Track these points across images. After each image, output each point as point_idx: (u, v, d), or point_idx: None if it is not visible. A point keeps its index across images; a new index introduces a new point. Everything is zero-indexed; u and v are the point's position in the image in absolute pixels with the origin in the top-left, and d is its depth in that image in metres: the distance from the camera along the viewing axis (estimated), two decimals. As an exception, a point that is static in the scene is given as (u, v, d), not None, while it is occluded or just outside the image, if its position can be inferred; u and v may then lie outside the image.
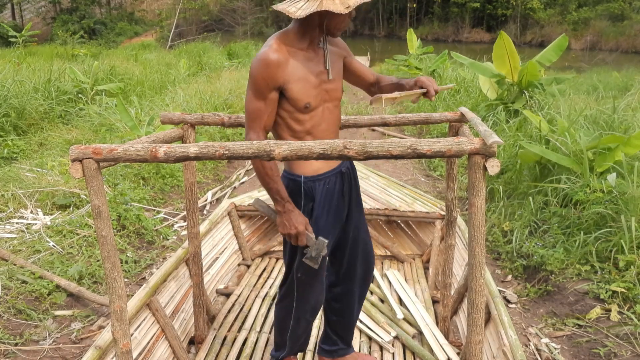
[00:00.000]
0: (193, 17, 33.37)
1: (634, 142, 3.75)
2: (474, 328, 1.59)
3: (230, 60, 13.69)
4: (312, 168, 1.94)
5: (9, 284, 3.02)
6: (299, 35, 1.82)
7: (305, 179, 1.94)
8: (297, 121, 1.87)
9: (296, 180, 1.95)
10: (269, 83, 1.76)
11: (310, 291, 2.07)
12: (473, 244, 1.52)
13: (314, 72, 1.84)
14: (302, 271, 2.00)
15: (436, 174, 5.96)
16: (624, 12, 27.28)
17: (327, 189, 1.97)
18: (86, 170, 1.47)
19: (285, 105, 1.83)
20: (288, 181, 1.98)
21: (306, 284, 2.05)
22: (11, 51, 12.36)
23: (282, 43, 1.80)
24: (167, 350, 2.46)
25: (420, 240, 3.78)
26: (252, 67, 1.78)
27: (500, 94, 6.71)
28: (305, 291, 2.07)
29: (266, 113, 1.80)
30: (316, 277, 2.04)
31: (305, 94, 1.82)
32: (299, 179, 1.95)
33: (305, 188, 1.95)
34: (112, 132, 5.93)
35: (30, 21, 26.73)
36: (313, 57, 1.86)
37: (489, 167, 1.42)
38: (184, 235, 4.18)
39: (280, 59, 1.76)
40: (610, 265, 3.22)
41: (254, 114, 1.80)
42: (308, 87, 1.82)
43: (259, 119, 1.80)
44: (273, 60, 1.75)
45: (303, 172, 1.94)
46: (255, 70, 1.77)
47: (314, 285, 2.06)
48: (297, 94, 1.80)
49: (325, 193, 1.97)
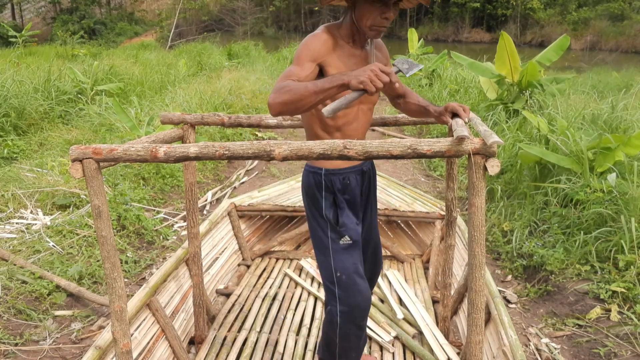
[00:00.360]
0: (193, 17, 33.37)
1: (634, 142, 3.75)
2: (474, 328, 1.59)
3: (230, 61, 13.69)
4: (332, 163, 1.92)
5: (9, 284, 3.02)
6: (344, 30, 1.82)
7: (326, 172, 1.92)
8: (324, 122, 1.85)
9: (317, 172, 1.93)
10: (311, 52, 1.72)
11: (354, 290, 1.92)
12: (473, 244, 1.52)
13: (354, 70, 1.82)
14: (340, 267, 1.91)
15: (436, 174, 5.96)
16: (623, 12, 27.27)
17: (347, 183, 1.95)
18: (86, 170, 1.48)
19: None
20: (309, 174, 1.96)
21: (348, 284, 1.92)
22: (11, 51, 12.36)
23: (331, 33, 1.80)
24: (167, 350, 2.46)
25: (420, 240, 3.78)
26: (301, 44, 1.77)
27: (500, 94, 6.71)
28: (348, 294, 1.92)
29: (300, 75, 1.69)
30: (357, 272, 1.93)
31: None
32: (320, 171, 1.93)
33: (325, 180, 1.92)
34: (112, 132, 5.93)
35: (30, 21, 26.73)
36: (357, 55, 1.84)
37: (489, 167, 1.42)
38: (184, 235, 4.18)
39: (327, 39, 1.76)
40: (610, 265, 3.22)
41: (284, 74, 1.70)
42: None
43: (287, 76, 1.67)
44: (321, 37, 1.76)
45: (323, 164, 1.93)
46: (301, 43, 1.76)
47: (357, 283, 1.92)
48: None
49: (344, 188, 1.94)
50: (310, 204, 1.99)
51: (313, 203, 1.98)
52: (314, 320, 2.88)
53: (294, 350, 2.59)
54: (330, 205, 1.93)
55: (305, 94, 1.56)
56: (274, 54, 15.84)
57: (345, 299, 1.92)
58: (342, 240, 1.92)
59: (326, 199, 1.93)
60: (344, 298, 1.92)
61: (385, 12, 1.72)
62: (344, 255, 1.91)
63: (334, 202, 1.94)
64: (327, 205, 1.94)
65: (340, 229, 1.91)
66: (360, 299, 1.93)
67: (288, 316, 2.92)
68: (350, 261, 1.92)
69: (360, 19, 1.75)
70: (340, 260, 1.90)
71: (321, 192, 1.93)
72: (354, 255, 1.93)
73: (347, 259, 1.91)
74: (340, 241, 1.92)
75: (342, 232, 1.92)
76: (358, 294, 1.92)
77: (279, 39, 25.36)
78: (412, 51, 12.23)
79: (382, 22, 1.75)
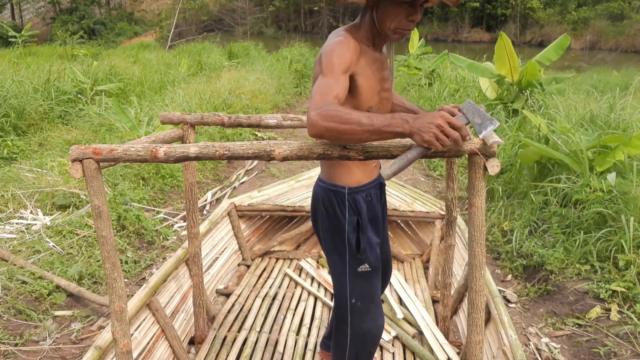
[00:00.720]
0: (193, 17, 33.35)
1: (634, 142, 3.75)
2: (474, 328, 1.59)
3: (230, 61, 13.68)
4: (355, 179, 1.79)
5: (9, 285, 3.02)
6: (364, 32, 1.68)
7: (350, 190, 1.78)
8: None
9: (339, 191, 1.79)
10: (343, 62, 1.55)
11: (367, 318, 1.84)
12: (473, 244, 1.52)
13: (377, 77, 1.71)
14: (357, 294, 1.81)
15: (436, 174, 5.96)
16: (623, 12, 27.27)
17: (369, 200, 1.83)
18: (86, 170, 1.47)
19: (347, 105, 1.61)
20: (329, 192, 1.81)
21: (362, 312, 1.83)
22: (11, 51, 12.35)
23: (353, 37, 1.64)
24: (167, 350, 2.46)
25: (420, 240, 3.78)
26: (327, 50, 1.58)
27: (499, 94, 6.71)
28: (361, 320, 1.84)
29: (338, 90, 1.49)
30: (372, 300, 1.84)
31: (369, 96, 1.68)
32: (343, 190, 1.78)
33: (349, 200, 1.78)
34: (112, 132, 5.93)
35: (30, 21, 26.73)
36: (377, 60, 1.71)
37: (489, 167, 1.42)
38: (184, 235, 4.18)
39: (356, 46, 1.60)
40: (610, 264, 3.22)
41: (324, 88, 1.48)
42: (372, 89, 1.68)
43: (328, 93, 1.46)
44: (350, 42, 1.59)
45: (346, 182, 1.78)
46: (329, 51, 1.57)
47: (371, 311, 1.84)
48: (364, 92, 1.65)
49: (368, 206, 1.82)
50: (330, 226, 1.83)
51: (333, 225, 1.82)
52: (313, 320, 2.88)
53: (294, 350, 2.59)
54: (354, 229, 1.80)
55: (357, 129, 1.34)
56: (274, 54, 15.82)
57: (358, 324, 1.85)
58: (361, 267, 1.80)
59: (349, 222, 1.79)
60: (356, 324, 1.85)
61: (412, 14, 1.58)
62: (361, 282, 1.82)
63: (357, 224, 1.80)
64: (351, 229, 1.79)
65: (361, 257, 1.80)
66: (373, 327, 1.86)
67: (288, 316, 2.92)
68: (367, 288, 1.83)
69: (384, 20, 1.61)
70: (357, 287, 1.81)
71: (344, 214, 1.79)
72: (372, 282, 1.84)
73: (364, 286, 1.82)
74: (359, 268, 1.80)
75: (362, 260, 1.80)
76: (371, 322, 1.85)
77: (279, 39, 25.37)
78: (412, 51, 12.22)
79: (409, 24, 1.61)
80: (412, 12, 1.58)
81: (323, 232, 1.88)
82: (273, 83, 10.63)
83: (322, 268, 3.48)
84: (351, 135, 1.35)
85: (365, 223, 1.81)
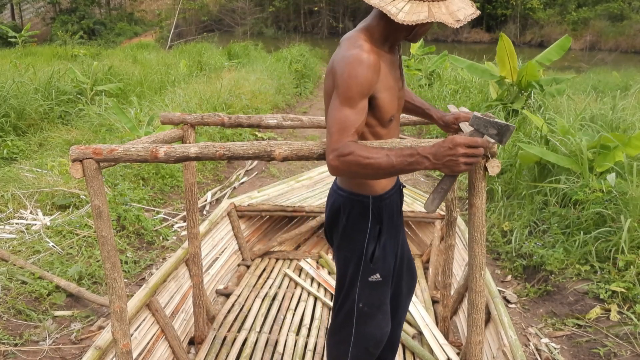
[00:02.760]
0: (192, 17, 33.35)
1: (634, 142, 3.75)
2: (474, 328, 1.59)
3: (230, 61, 13.68)
4: (380, 186, 1.72)
5: (9, 285, 3.02)
6: (384, 35, 1.57)
7: (374, 199, 1.72)
8: (376, 136, 1.62)
9: (364, 201, 1.72)
10: (363, 89, 1.46)
11: (372, 323, 1.80)
12: (473, 244, 1.52)
13: (395, 79, 1.63)
14: (364, 300, 1.77)
15: (436, 174, 5.96)
16: (623, 12, 27.28)
17: (390, 208, 1.78)
18: (86, 170, 1.48)
19: (369, 119, 1.55)
20: (352, 202, 1.74)
21: (368, 316, 1.79)
22: (11, 51, 12.36)
23: (370, 43, 1.52)
24: (167, 350, 2.46)
25: (420, 240, 3.79)
26: (344, 70, 1.47)
27: (500, 94, 6.72)
28: (366, 323, 1.80)
29: (357, 123, 1.45)
30: (380, 308, 1.80)
31: (391, 105, 1.60)
32: (367, 200, 1.72)
33: (373, 209, 1.73)
34: (112, 132, 5.93)
35: (30, 21, 26.74)
36: (394, 62, 1.64)
37: (490, 168, 1.42)
38: (184, 235, 4.18)
39: (376, 62, 1.48)
40: (609, 265, 3.22)
41: (342, 124, 1.43)
42: (392, 97, 1.60)
43: (346, 130, 1.43)
44: (371, 63, 1.46)
45: (371, 191, 1.72)
46: (350, 73, 1.45)
47: (377, 317, 1.81)
48: (386, 105, 1.57)
49: (389, 213, 1.77)
50: (350, 234, 1.77)
51: (353, 234, 1.76)
52: (313, 320, 2.88)
53: (293, 350, 2.60)
54: (374, 239, 1.75)
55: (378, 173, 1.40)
56: (274, 55, 15.83)
57: (362, 327, 1.82)
58: (372, 277, 1.76)
59: (371, 232, 1.74)
60: (361, 326, 1.81)
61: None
62: (369, 291, 1.78)
63: (378, 233, 1.75)
64: (371, 239, 1.74)
65: (373, 266, 1.76)
66: (378, 332, 1.83)
67: (288, 316, 2.92)
68: (376, 297, 1.80)
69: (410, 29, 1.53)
70: (365, 295, 1.78)
71: (367, 223, 1.73)
72: (382, 291, 1.81)
73: (373, 295, 1.79)
74: (370, 278, 1.76)
75: (374, 270, 1.76)
76: (376, 327, 1.82)
77: (279, 39, 25.35)
78: (413, 51, 12.23)
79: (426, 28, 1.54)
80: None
81: (340, 240, 1.82)
82: (273, 83, 10.63)
83: (321, 268, 3.48)
84: (371, 175, 1.44)
85: (386, 231, 1.77)
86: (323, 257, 3.61)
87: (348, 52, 1.50)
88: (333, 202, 1.81)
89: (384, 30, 1.56)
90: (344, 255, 1.81)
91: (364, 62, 1.46)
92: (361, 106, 1.47)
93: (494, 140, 1.40)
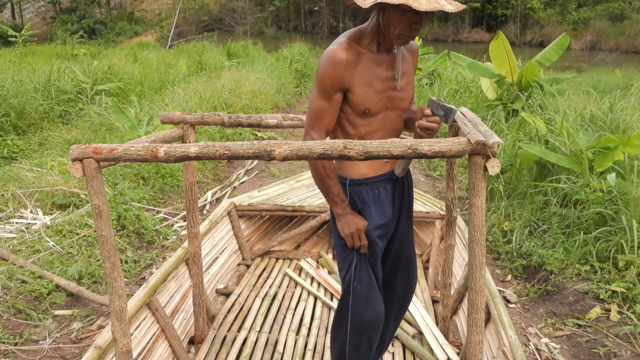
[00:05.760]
0: (193, 17, 33.32)
1: (634, 142, 3.75)
2: (474, 328, 1.59)
3: (230, 60, 13.67)
4: (358, 172, 1.85)
5: (9, 284, 3.02)
6: (370, 35, 1.73)
7: (351, 182, 1.86)
8: (352, 124, 1.79)
9: (341, 182, 1.86)
10: (334, 83, 1.69)
11: (367, 304, 1.89)
12: (473, 244, 1.52)
13: (380, 77, 1.75)
14: (357, 279, 1.87)
15: (436, 174, 5.96)
16: (623, 12, 27.25)
17: (377, 193, 1.86)
18: (86, 169, 1.48)
19: (344, 107, 1.76)
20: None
21: (361, 297, 1.88)
22: (11, 51, 12.36)
23: (354, 42, 1.72)
24: (167, 350, 2.46)
25: (420, 240, 3.78)
26: (320, 64, 1.71)
27: (500, 94, 6.71)
28: (362, 305, 1.89)
29: (329, 114, 1.73)
30: (370, 285, 1.89)
31: (367, 100, 1.74)
32: (344, 181, 1.86)
33: (350, 191, 1.86)
34: (112, 131, 5.93)
35: (30, 21, 26.70)
36: (382, 62, 1.76)
37: (490, 168, 1.42)
38: (184, 235, 4.18)
39: (349, 59, 1.68)
40: (610, 265, 3.22)
41: (317, 114, 1.73)
42: (371, 92, 1.74)
43: (321, 119, 1.73)
44: (342, 60, 1.67)
45: (349, 174, 1.86)
46: (322, 68, 1.70)
47: (370, 296, 1.89)
48: (358, 98, 1.73)
49: (375, 197, 1.86)
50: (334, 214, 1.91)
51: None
52: (313, 320, 2.88)
53: (293, 350, 2.60)
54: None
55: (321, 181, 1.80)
56: (274, 54, 15.82)
57: (356, 309, 1.89)
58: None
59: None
60: (355, 308, 1.89)
61: (416, 22, 1.63)
62: (362, 265, 1.87)
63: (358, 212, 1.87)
64: None
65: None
66: (372, 313, 1.89)
67: (288, 316, 2.92)
68: (367, 272, 1.87)
69: (388, 26, 1.65)
70: (359, 270, 1.87)
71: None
72: (372, 267, 1.89)
73: (364, 269, 1.87)
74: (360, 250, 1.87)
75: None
76: (369, 307, 1.89)
77: (279, 38, 25.35)
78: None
79: (412, 32, 1.65)
80: (416, 20, 1.62)
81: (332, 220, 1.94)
82: (273, 83, 10.63)
83: (321, 268, 3.48)
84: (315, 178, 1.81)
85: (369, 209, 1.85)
86: (323, 256, 3.61)
87: (328, 49, 1.73)
88: None
89: (371, 31, 1.73)
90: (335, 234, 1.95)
91: (337, 59, 1.68)
92: (335, 98, 1.72)
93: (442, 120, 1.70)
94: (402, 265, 2.04)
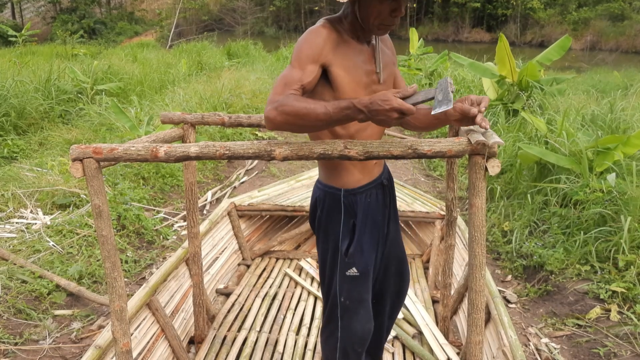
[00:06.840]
0: (193, 16, 33.34)
1: (633, 141, 3.75)
2: (474, 328, 1.59)
3: (230, 60, 13.68)
4: (352, 179, 1.75)
5: (9, 284, 3.02)
6: (347, 25, 1.63)
7: (346, 192, 1.75)
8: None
9: (335, 194, 1.75)
10: (311, 53, 1.53)
11: (356, 319, 1.83)
12: (473, 244, 1.52)
13: (363, 69, 1.64)
14: (345, 294, 1.79)
15: (436, 174, 5.96)
16: (624, 12, 27.25)
17: (368, 202, 1.77)
18: (87, 169, 1.48)
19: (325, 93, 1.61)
20: (326, 195, 1.77)
21: (351, 310, 1.81)
22: (11, 51, 12.36)
23: (334, 25, 1.60)
24: (167, 349, 2.46)
25: (420, 240, 3.78)
26: (299, 40, 1.58)
27: (500, 94, 6.71)
28: (350, 318, 1.82)
29: (302, 81, 1.51)
30: (361, 303, 1.82)
31: (354, 91, 1.60)
32: (339, 193, 1.75)
33: (345, 203, 1.75)
34: (112, 131, 5.93)
35: (30, 21, 26.71)
36: (363, 52, 1.65)
37: (490, 168, 1.42)
38: (184, 235, 4.18)
39: (329, 34, 1.56)
40: (610, 265, 3.22)
41: (286, 79, 1.51)
42: (357, 86, 1.62)
43: (289, 85, 1.49)
44: (321, 32, 1.55)
45: (343, 184, 1.75)
46: (299, 41, 1.57)
47: (359, 312, 1.82)
48: (341, 82, 1.58)
49: (367, 207, 1.77)
50: (325, 227, 1.81)
51: (328, 226, 1.80)
52: (313, 320, 2.88)
53: (293, 350, 2.60)
54: (348, 232, 1.77)
55: (315, 121, 1.43)
56: (274, 54, 15.83)
57: (346, 322, 1.84)
58: (349, 271, 1.78)
59: (345, 225, 1.77)
60: (345, 321, 1.84)
61: (396, 10, 1.54)
62: (348, 285, 1.80)
63: (352, 227, 1.77)
64: (345, 232, 1.77)
65: (349, 260, 1.77)
66: (360, 329, 1.84)
67: (288, 316, 2.92)
68: (356, 291, 1.81)
69: (367, 16, 1.56)
70: (345, 289, 1.80)
71: (340, 217, 1.76)
72: (360, 286, 1.81)
73: (352, 288, 1.80)
74: (347, 272, 1.78)
75: (350, 264, 1.78)
76: (358, 324, 1.83)
77: (279, 38, 25.35)
78: (413, 51, 12.22)
79: (392, 20, 1.57)
80: (396, 6, 1.54)
81: (317, 232, 1.87)
82: (273, 83, 10.62)
83: (322, 268, 3.48)
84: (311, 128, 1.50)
85: (362, 226, 1.77)
86: (323, 256, 3.61)
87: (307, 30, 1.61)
88: (313, 194, 1.87)
89: (350, 23, 1.62)
90: (322, 247, 1.84)
91: (316, 32, 1.56)
92: (309, 69, 1.53)
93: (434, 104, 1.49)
94: (394, 266, 2.01)
